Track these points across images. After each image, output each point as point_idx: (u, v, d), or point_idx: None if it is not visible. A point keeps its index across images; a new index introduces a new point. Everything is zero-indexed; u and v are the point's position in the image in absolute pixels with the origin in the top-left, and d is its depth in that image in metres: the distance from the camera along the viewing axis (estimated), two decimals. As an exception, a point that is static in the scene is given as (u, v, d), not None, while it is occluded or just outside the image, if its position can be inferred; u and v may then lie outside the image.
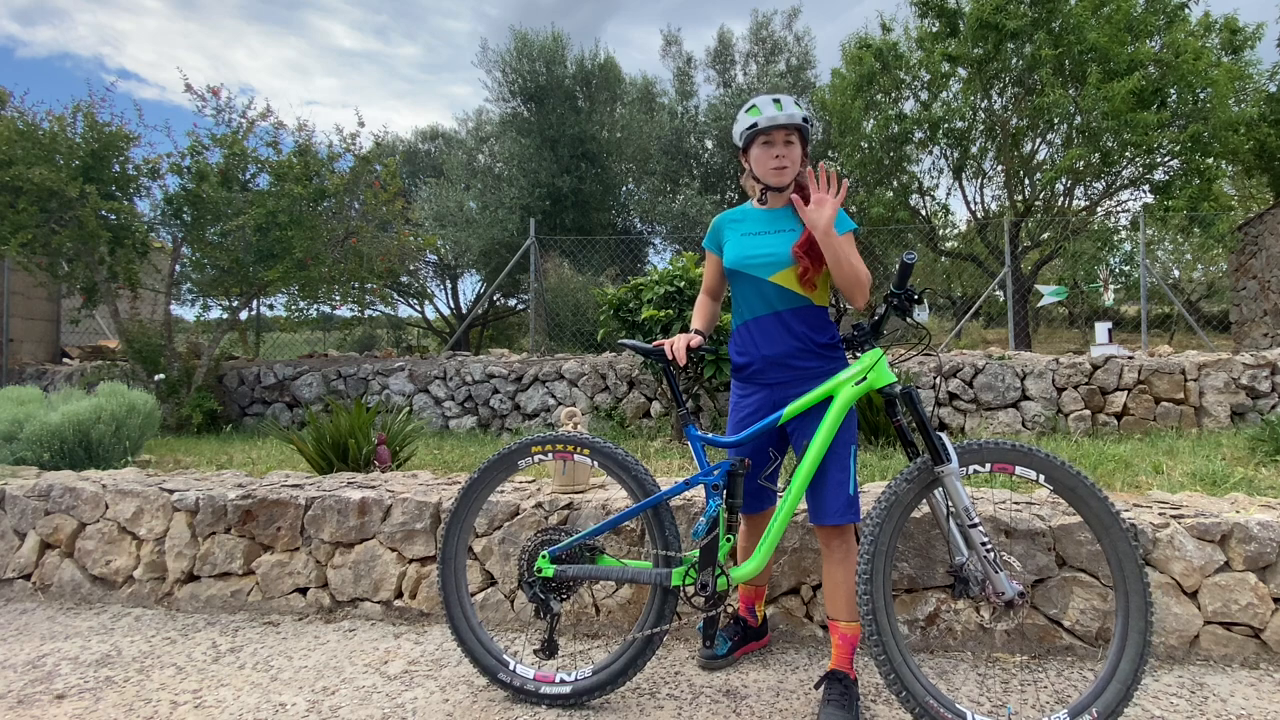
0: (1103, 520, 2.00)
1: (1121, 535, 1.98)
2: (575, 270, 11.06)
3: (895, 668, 1.95)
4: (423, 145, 16.93)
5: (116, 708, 2.28)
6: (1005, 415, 6.43)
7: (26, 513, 3.37)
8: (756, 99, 2.24)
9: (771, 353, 2.25)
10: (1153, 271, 9.96)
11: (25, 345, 9.88)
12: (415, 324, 15.80)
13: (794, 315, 2.23)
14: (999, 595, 1.99)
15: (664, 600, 2.20)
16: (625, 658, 2.21)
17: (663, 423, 6.76)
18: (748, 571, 2.17)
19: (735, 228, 2.34)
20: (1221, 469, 3.89)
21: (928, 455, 2.06)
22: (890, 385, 2.14)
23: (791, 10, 15.17)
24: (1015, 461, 2.05)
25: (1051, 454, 2.03)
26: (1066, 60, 10.69)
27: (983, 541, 2.01)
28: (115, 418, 4.83)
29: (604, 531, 2.29)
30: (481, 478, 2.36)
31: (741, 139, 2.25)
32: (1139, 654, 1.95)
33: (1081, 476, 2.01)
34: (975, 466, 2.08)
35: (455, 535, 2.39)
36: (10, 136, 6.86)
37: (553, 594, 2.25)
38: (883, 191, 12.32)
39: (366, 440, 4.15)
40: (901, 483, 2.08)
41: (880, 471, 4.03)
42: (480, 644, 2.34)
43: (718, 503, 2.17)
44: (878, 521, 2.04)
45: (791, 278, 2.21)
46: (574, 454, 2.31)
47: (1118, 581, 2.00)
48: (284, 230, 7.24)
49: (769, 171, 2.23)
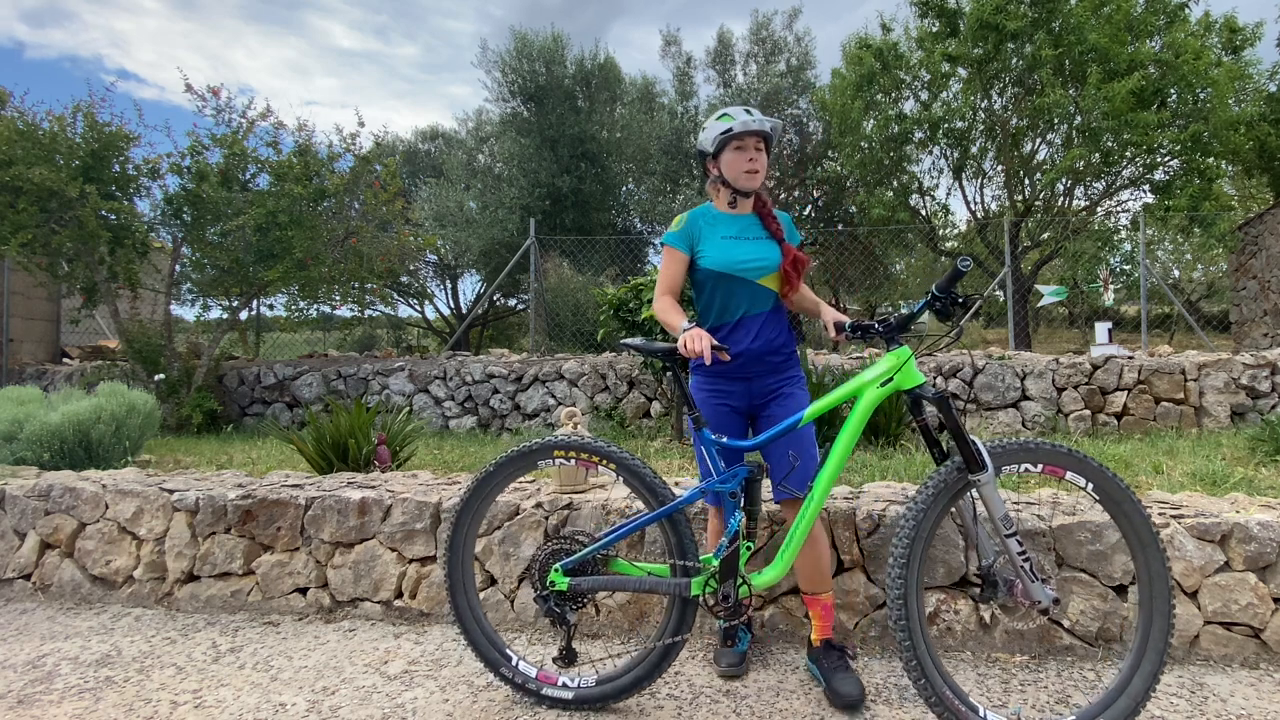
0: (1142, 538, 1.97)
1: (1157, 555, 1.96)
2: (575, 270, 11.07)
3: (925, 671, 1.92)
4: (423, 145, 16.93)
5: (116, 708, 2.28)
6: (1005, 415, 6.43)
7: (26, 513, 3.37)
8: (727, 108, 2.39)
9: (757, 348, 2.37)
10: (1153, 271, 9.96)
11: (25, 345, 9.88)
12: (415, 324, 15.80)
13: (775, 314, 2.42)
14: (1035, 603, 1.96)
15: (683, 609, 2.17)
16: (643, 667, 2.17)
17: (663, 423, 6.76)
18: (770, 579, 2.16)
19: (711, 231, 2.41)
20: (1221, 469, 3.89)
21: (960, 459, 2.00)
22: (919, 386, 2.10)
23: (792, 10, 15.16)
24: (1068, 467, 2.00)
25: (1104, 465, 2.00)
26: (1066, 60, 10.69)
27: (1020, 551, 1.97)
28: (115, 418, 4.83)
29: (616, 540, 2.23)
30: (499, 470, 2.30)
31: (714, 144, 2.36)
32: (1154, 672, 1.93)
33: (1129, 491, 1.98)
34: (1026, 465, 2.01)
35: (466, 522, 2.33)
36: (10, 136, 6.86)
37: (568, 605, 2.22)
38: (883, 191, 12.31)
39: (366, 440, 4.15)
40: (935, 488, 2.01)
41: (880, 471, 4.02)
42: (484, 635, 2.31)
43: (739, 517, 2.13)
44: (913, 524, 1.97)
45: (775, 281, 2.40)
46: (598, 465, 2.23)
47: (1143, 599, 1.98)
48: (284, 230, 7.23)
49: (741, 175, 2.35)
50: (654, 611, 2.77)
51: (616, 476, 2.23)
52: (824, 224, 14.30)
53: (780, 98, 13.95)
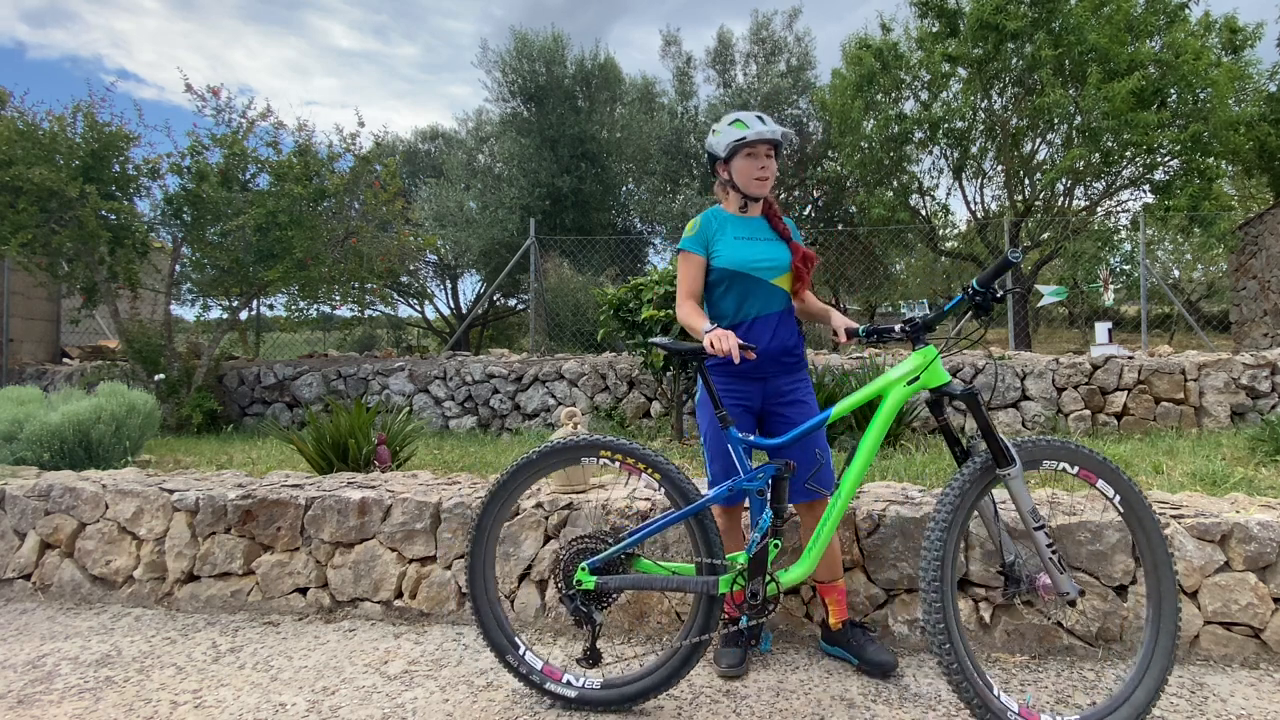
0: (1157, 558, 2.00)
1: (1169, 576, 1.99)
2: (575, 270, 11.06)
3: (960, 662, 1.92)
4: (423, 145, 16.92)
5: (116, 708, 2.28)
6: (1005, 415, 6.43)
7: (26, 513, 3.37)
8: (739, 114, 2.41)
9: (774, 348, 2.40)
10: (1153, 271, 9.96)
11: (25, 345, 9.88)
12: (415, 324, 15.80)
13: (787, 315, 2.48)
14: (1063, 595, 1.99)
15: (710, 608, 2.17)
16: (668, 667, 2.16)
17: (663, 423, 6.76)
18: (798, 575, 2.17)
19: (724, 232, 2.45)
20: (1221, 469, 3.89)
21: (988, 455, 2.02)
22: (945, 385, 2.10)
23: (792, 10, 15.15)
24: (1100, 475, 1.99)
25: (1134, 481, 2.01)
26: (1066, 60, 10.69)
27: (1048, 544, 1.99)
28: (115, 418, 4.83)
29: (643, 539, 2.23)
30: (540, 460, 2.28)
31: (726, 149, 2.39)
32: (1156, 686, 1.96)
33: (1153, 511, 2.02)
34: (1064, 465, 2.00)
35: (498, 505, 2.31)
36: (10, 136, 6.86)
37: (594, 604, 2.21)
38: (883, 191, 12.31)
39: (366, 440, 4.15)
40: (964, 484, 2.00)
41: (880, 471, 4.02)
42: (495, 620, 2.31)
43: (768, 514, 2.14)
44: (944, 523, 1.97)
45: (787, 282, 2.45)
46: (643, 473, 2.22)
47: (1151, 615, 2.01)
48: (284, 230, 7.23)
49: (752, 182, 2.41)
50: (653, 612, 2.77)
51: (659, 487, 2.22)
52: (824, 224, 14.30)
53: (780, 98, 13.95)
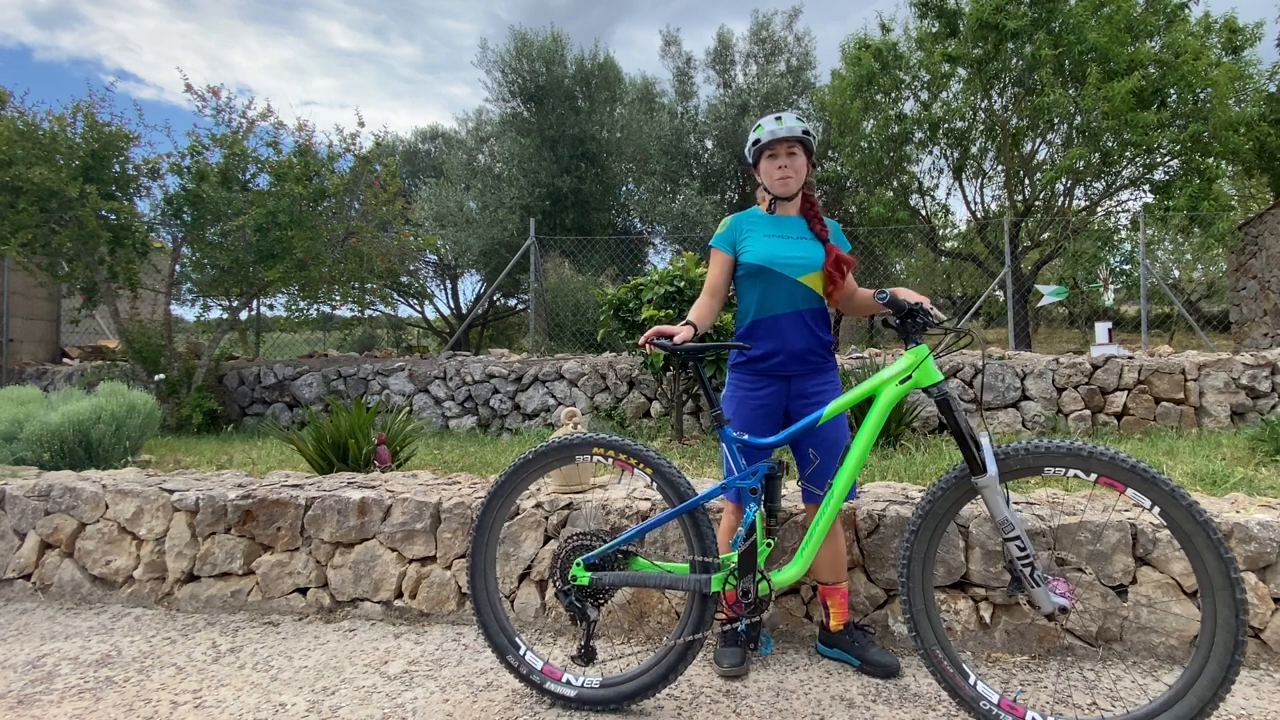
0: (1214, 581, 1.74)
1: (1229, 602, 1.73)
2: (575, 270, 11.07)
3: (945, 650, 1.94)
4: (422, 145, 16.92)
5: (116, 708, 2.28)
6: (1005, 415, 6.43)
7: (26, 513, 3.37)
8: (761, 119, 2.47)
9: (797, 347, 2.42)
10: (1153, 271, 9.95)
11: (25, 345, 9.88)
12: (415, 324, 15.79)
13: (814, 315, 2.46)
14: (1036, 609, 1.88)
15: (703, 606, 2.17)
16: (663, 665, 2.16)
17: (663, 422, 6.76)
18: (791, 576, 2.17)
19: (754, 230, 2.50)
20: (1221, 469, 3.89)
21: (964, 466, 1.99)
22: (938, 384, 2.09)
23: (792, 11, 15.15)
24: (1129, 484, 1.80)
25: (1179, 487, 1.77)
26: (1066, 60, 10.69)
27: (1019, 555, 1.91)
28: (115, 418, 4.83)
29: (639, 536, 2.25)
30: (537, 459, 2.30)
31: (751, 155, 2.49)
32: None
33: (1209, 526, 1.74)
34: (1075, 471, 1.85)
35: (497, 505, 2.33)
36: (10, 136, 6.86)
37: (589, 601, 2.22)
38: (883, 191, 12.33)
39: (366, 440, 4.15)
40: (934, 493, 1.99)
41: (880, 471, 4.02)
42: (496, 620, 2.31)
43: (755, 508, 2.15)
44: (914, 527, 1.97)
45: (817, 281, 2.44)
46: (635, 468, 2.24)
47: (1204, 639, 1.79)
48: (284, 230, 7.24)
49: (775, 182, 2.45)
50: (653, 612, 2.77)
51: (652, 482, 2.23)
52: (824, 224, 14.29)
53: (780, 98, 13.96)
